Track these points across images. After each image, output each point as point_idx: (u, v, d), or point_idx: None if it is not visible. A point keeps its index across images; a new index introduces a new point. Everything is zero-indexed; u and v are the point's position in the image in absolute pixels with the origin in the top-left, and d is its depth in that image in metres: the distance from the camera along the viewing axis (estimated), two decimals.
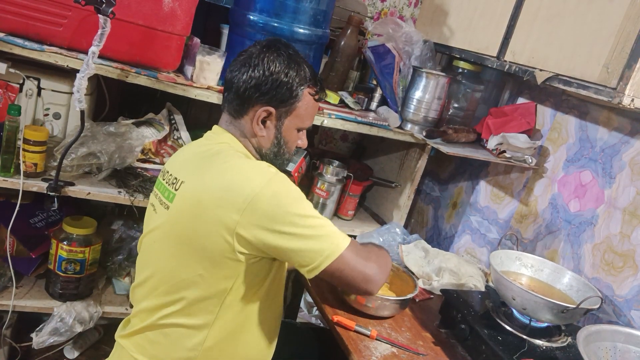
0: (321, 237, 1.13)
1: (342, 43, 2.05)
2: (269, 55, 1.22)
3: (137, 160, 1.73)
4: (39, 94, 1.65)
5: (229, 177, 1.12)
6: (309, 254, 1.12)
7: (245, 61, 1.23)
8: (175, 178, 1.21)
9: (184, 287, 1.16)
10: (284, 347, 1.50)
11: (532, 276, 1.51)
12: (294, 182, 1.98)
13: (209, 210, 1.11)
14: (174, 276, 1.17)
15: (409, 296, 1.45)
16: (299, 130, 1.31)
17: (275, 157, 1.30)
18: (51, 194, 1.55)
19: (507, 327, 1.36)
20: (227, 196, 1.10)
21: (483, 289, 1.65)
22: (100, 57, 1.46)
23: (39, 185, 1.55)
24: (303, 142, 1.35)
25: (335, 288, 1.49)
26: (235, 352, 1.24)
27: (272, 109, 1.23)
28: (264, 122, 1.25)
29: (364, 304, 1.41)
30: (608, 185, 1.60)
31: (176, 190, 1.19)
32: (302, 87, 1.24)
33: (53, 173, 1.56)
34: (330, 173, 2.02)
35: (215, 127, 1.31)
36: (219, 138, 1.26)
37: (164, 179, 1.26)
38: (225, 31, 1.92)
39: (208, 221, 1.11)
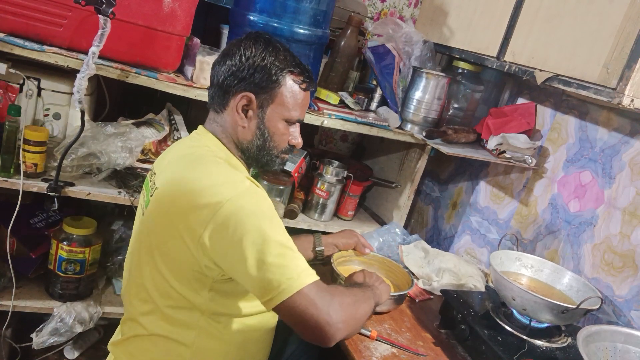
0: (281, 268, 1.02)
1: (342, 43, 2.05)
2: (245, 42, 1.19)
3: (137, 161, 1.73)
4: (39, 94, 1.65)
5: (198, 187, 1.07)
6: (264, 284, 1.02)
7: (224, 54, 1.21)
8: (154, 182, 1.18)
9: (160, 298, 1.14)
10: (284, 347, 1.49)
11: (532, 276, 1.51)
12: (294, 182, 1.98)
13: (177, 221, 1.07)
14: (150, 286, 1.15)
15: (405, 292, 1.48)
16: (287, 121, 1.23)
17: (260, 151, 1.23)
18: (51, 194, 1.55)
19: (507, 328, 1.36)
20: (194, 208, 1.05)
21: (483, 290, 1.65)
22: (100, 57, 1.46)
23: (39, 186, 1.55)
24: (297, 140, 1.26)
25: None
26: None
27: (251, 95, 1.18)
28: (245, 111, 1.20)
29: None
30: (608, 185, 1.60)
31: (151, 196, 1.16)
32: (282, 72, 1.18)
33: (53, 173, 1.56)
34: (330, 173, 2.02)
35: (200, 126, 1.27)
36: (202, 140, 1.22)
37: (150, 180, 1.24)
38: (225, 31, 1.92)
39: (176, 232, 1.08)
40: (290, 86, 1.20)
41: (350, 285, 1.34)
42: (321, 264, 1.60)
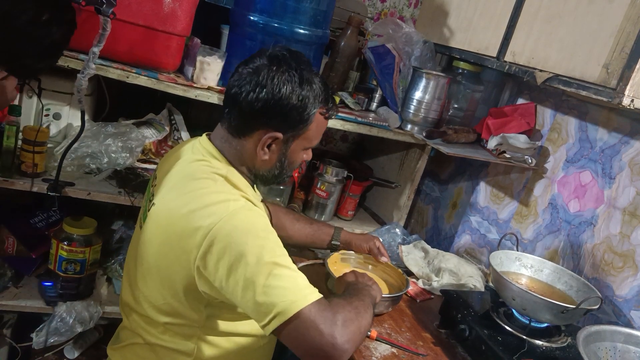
0: (277, 289, 0.97)
1: (342, 43, 2.05)
2: (279, 75, 1.09)
3: (138, 161, 1.74)
4: (39, 94, 1.66)
5: (193, 209, 1.03)
6: (260, 307, 0.97)
7: (251, 77, 1.10)
8: (153, 194, 1.15)
9: (157, 313, 1.13)
10: (285, 347, 1.49)
11: (531, 276, 1.51)
12: (294, 182, 1.98)
13: (173, 241, 1.05)
14: (148, 301, 1.14)
15: (400, 293, 1.47)
16: (305, 149, 1.21)
17: (275, 177, 1.22)
18: (51, 194, 1.55)
19: (507, 328, 1.36)
20: (189, 230, 1.02)
21: (483, 289, 1.65)
22: (100, 57, 1.46)
23: (39, 186, 1.55)
24: (308, 155, 1.24)
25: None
26: None
27: (279, 135, 1.13)
28: (269, 145, 1.15)
29: None
30: (608, 185, 1.60)
31: (148, 211, 1.14)
32: (314, 110, 1.13)
33: (53, 173, 1.56)
34: (330, 173, 2.02)
35: (205, 138, 1.20)
36: (201, 154, 1.16)
37: (152, 185, 1.22)
38: (226, 31, 1.92)
39: (172, 252, 1.06)
40: (318, 121, 1.17)
41: (346, 292, 1.24)
42: (321, 264, 1.61)
